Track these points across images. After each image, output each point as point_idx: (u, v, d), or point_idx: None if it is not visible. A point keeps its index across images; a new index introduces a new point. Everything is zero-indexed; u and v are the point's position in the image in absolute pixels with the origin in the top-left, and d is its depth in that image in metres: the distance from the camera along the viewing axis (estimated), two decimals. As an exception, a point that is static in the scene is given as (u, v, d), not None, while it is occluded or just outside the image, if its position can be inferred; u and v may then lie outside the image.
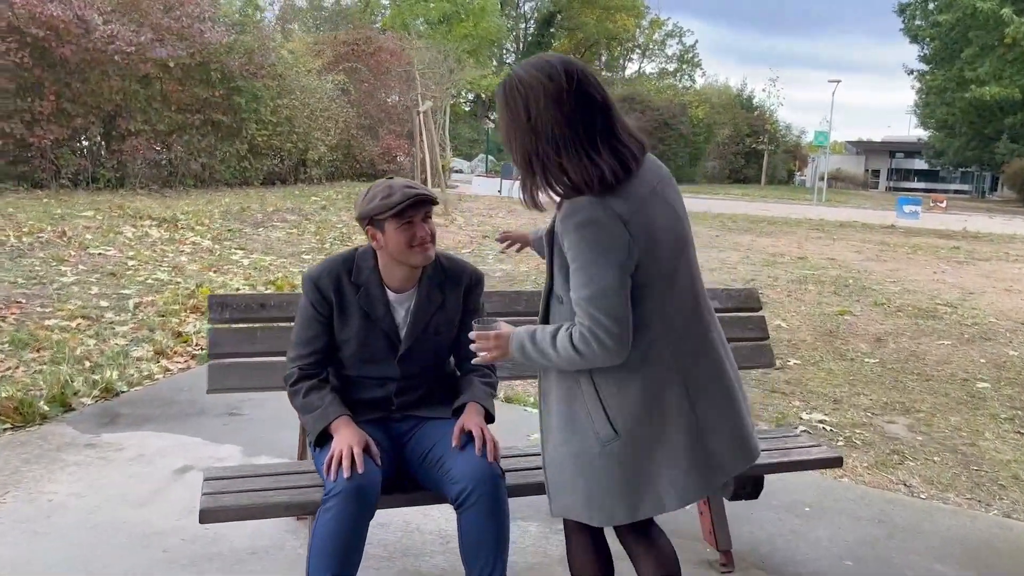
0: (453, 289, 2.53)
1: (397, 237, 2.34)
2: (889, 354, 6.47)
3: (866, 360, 6.22)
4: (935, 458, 4.26)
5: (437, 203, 2.41)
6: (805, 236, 15.88)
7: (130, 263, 8.28)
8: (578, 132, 1.78)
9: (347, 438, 2.28)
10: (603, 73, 59.27)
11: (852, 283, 10.02)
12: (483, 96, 42.02)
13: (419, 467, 2.46)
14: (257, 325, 2.86)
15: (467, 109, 46.06)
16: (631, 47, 60.82)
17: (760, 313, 3.47)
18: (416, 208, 2.33)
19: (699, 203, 22.33)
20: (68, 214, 10.65)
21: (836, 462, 3.00)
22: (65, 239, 9.07)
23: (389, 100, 22.40)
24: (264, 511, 2.38)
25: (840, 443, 4.39)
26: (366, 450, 2.29)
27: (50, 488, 3.34)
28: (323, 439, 2.36)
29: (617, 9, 52.87)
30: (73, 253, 8.49)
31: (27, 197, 12.23)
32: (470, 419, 2.41)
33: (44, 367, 4.80)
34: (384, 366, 2.49)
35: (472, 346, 2.06)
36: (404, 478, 2.49)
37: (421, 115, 13.98)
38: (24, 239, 8.83)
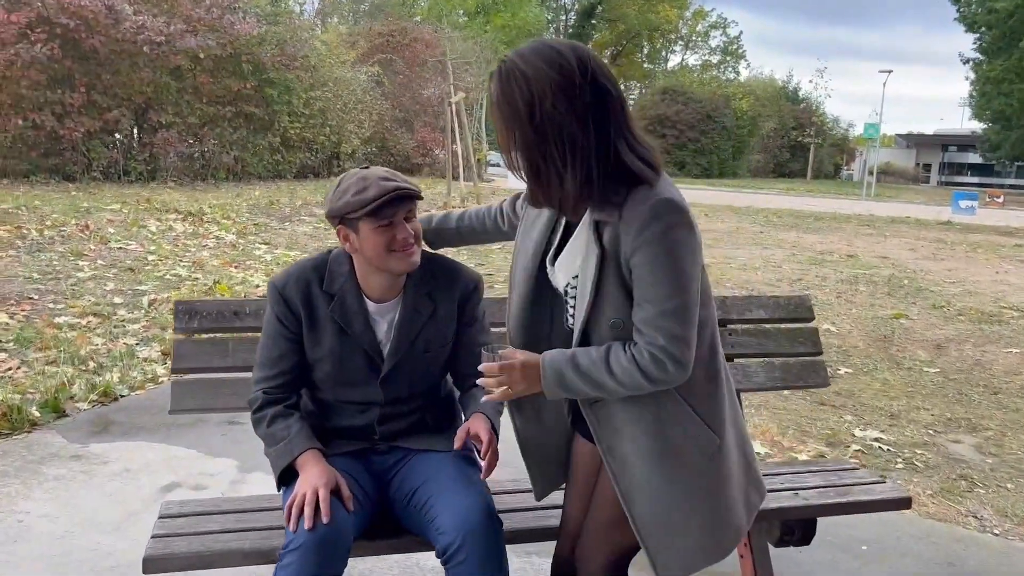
0: (446, 296, 2.15)
1: (374, 239, 1.95)
2: (951, 363, 5.94)
3: (925, 369, 5.71)
4: (1008, 484, 3.79)
5: (421, 198, 2.02)
6: (854, 232, 15.22)
7: (150, 258, 8.11)
8: (588, 132, 1.53)
9: (312, 478, 1.91)
10: (644, 65, 58.48)
11: (907, 284, 9.45)
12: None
13: (404, 509, 2.09)
14: (230, 336, 2.50)
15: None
16: (674, 39, 59.90)
17: (812, 324, 3.02)
18: (395, 205, 1.94)
19: (743, 198, 21.76)
20: (94, 207, 10.54)
21: (903, 503, 2.55)
22: (87, 233, 8.94)
23: (424, 93, 22.06)
24: (220, 559, 2.01)
25: (899, 465, 3.94)
26: (336, 492, 1.92)
27: (23, 507, 3.10)
28: (289, 477, 1.99)
29: None
30: (93, 247, 8.34)
31: (56, 190, 12.16)
32: (477, 424, 2.05)
33: (45, 368, 4.60)
34: (365, 389, 2.12)
35: (483, 381, 1.71)
36: (389, 519, 2.12)
37: (453, 106, 13.62)
38: (46, 233, 8.72)
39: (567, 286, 1.72)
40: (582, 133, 1.52)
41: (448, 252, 2.29)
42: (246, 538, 2.06)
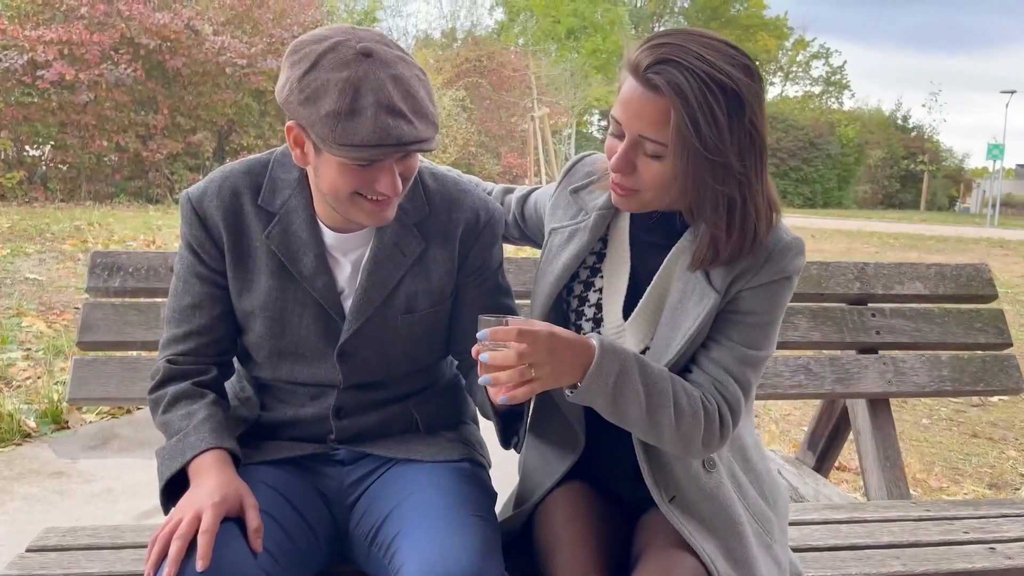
0: (442, 231, 1.38)
1: (338, 177, 1.20)
2: None
3: (1106, 397, 4.60)
4: None
5: (433, 148, 1.22)
6: (985, 254, 13.68)
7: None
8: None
9: (199, 496, 1.17)
10: (742, 96, 57.03)
11: (1059, 305, 8.17)
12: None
13: (367, 550, 1.33)
14: (161, 300, 1.83)
15: (597, 135, 44.95)
16: (773, 69, 58.31)
17: (996, 305, 2.13)
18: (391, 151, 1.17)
19: (851, 224, 20.32)
20: (166, 225, 10.36)
21: None
22: (152, 248, 8.71)
23: (512, 118, 21.62)
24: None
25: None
26: (235, 520, 1.18)
27: (-29, 530, 2.63)
28: (179, 489, 1.26)
29: (758, 28, 50.79)
30: (154, 261, 8.06)
31: (136, 211, 12.11)
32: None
33: (67, 378, 4.19)
34: (316, 363, 1.37)
35: (486, 358, 1.13)
36: (348, 562, 1.37)
37: (536, 120, 13.01)
38: (111, 247, 8.54)
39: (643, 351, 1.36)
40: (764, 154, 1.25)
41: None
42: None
